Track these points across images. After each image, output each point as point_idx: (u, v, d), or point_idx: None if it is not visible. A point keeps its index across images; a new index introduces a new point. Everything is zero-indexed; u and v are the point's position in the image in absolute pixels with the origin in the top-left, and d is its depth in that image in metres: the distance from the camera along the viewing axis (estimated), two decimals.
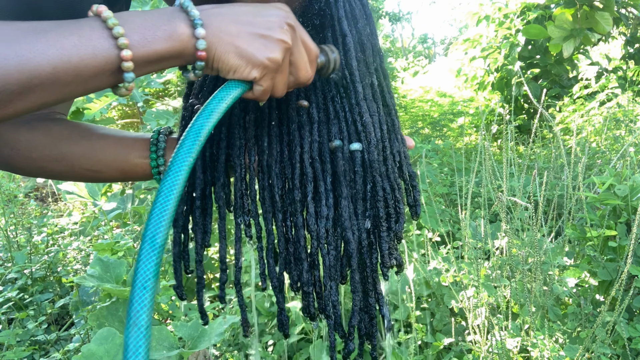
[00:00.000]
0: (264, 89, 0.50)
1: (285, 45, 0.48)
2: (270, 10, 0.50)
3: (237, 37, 0.47)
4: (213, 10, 0.48)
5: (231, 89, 0.48)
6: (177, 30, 0.45)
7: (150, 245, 0.39)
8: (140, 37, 0.43)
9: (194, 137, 0.44)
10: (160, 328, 1.27)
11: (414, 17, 34.86)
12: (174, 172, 0.42)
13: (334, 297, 0.56)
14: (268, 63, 0.48)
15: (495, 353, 1.40)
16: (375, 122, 0.59)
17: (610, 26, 3.94)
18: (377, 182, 0.57)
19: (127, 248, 1.95)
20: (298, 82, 0.53)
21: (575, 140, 2.10)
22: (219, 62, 0.47)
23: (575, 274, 1.57)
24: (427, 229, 2.20)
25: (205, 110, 0.46)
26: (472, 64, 5.22)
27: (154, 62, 0.45)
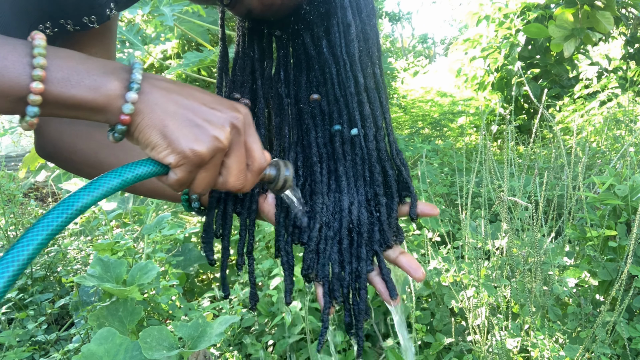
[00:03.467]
0: (178, 179, 0.45)
1: (218, 144, 0.45)
2: (221, 105, 0.47)
3: (170, 115, 0.44)
4: (160, 82, 0.45)
5: (140, 167, 0.45)
6: (107, 85, 0.42)
7: None
8: (63, 77, 0.41)
9: (62, 211, 0.40)
10: (160, 328, 1.27)
11: (414, 17, 34.86)
12: (20, 245, 0.37)
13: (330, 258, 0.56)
14: (189, 154, 0.44)
15: (495, 353, 1.40)
16: (375, 110, 0.61)
17: (611, 25, 3.94)
18: (374, 164, 0.60)
19: (127, 248, 1.95)
20: (226, 187, 0.49)
21: (575, 140, 2.10)
22: (140, 133, 0.44)
23: (575, 274, 1.57)
24: (427, 229, 2.20)
25: (92, 184, 0.43)
26: (472, 64, 5.21)
27: (68, 107, 0.42)
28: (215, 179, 0.48)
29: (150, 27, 4.15)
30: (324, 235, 0.57)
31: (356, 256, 0.56)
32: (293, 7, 0.62)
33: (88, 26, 0.61)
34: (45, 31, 0.59)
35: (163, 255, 2.00)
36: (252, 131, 0.49)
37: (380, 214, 0.58)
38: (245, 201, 0.62)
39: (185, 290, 2.28)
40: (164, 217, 2.17)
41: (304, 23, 0.65)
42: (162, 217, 2.18)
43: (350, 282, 0.56)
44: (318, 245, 0.57)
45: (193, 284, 2.34)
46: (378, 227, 0.58)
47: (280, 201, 0.61)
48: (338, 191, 0.60)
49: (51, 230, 0.39)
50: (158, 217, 2.19)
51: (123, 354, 1.19)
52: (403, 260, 0.57)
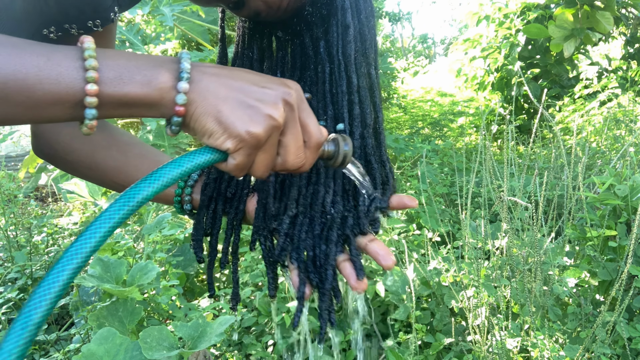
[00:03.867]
0: (237, 164, 0.45)
1: (273, 122, 0.44)
2: (272, 83, 0.46)
3: (222, 100, 0.43)
4: (209, 68, 0.45)
5: (199, 156, 0.44)
6: (159, 78, 0.42)
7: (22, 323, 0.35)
8: (115, 76, 0.41)
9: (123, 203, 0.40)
10: (160, 328, 1.27)
11: (414, 17, 34.85)
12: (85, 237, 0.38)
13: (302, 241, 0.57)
14: (246, 136, 0.43)
15: (495, 353, 1.40)
16: (365, 109, 0.62)
17: (611, 25, 3.94)
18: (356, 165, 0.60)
19: (127, 248, 1.95)
20: (286, 166, 0.48)
21: (575, 140, 2.10)
22: (196, 122, 0.43)
23: (575, 274, 1.57)
24: (427, 229, 2.20)
25: (154, 174, 0.43)
26: (472, 64, 5.21)
27: (124, 105, 0.42)
28: (274, 160, 0.47)
29: (150, 27, 4.15)
30: (299, 222, 0.58)
31: (325, 239, 0.56)
32: (297, 9, 0.62)
33: (92, 30, 0.61)
34: (49, 35, 0.59)
35: (163, 255, 2.00)
36: (306, 106, 0.48)
37: (357, 203, 0.59)
38: (233, 202, 0.64)
39: (185, 290, 2.28)
40: (164, 217, 2.17)
41: (306, 24, 0.65)
42: (162, 217, 2.18)
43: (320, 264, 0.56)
44: (291, 230, 0.58)
45: (193, 284, 2.34)
46: (353, 214, 0.58)
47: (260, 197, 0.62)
48: (316, 183, 0.60)
49: (114, 223, 0.40)
50: (158, 217, 2.19)
51: (123, 354, 1.19)
52: (372, 247, 0.54)
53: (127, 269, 1.63)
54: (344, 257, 0.55)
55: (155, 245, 2.07)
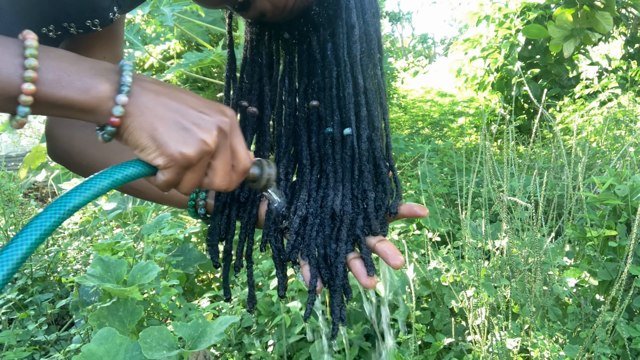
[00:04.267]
0: (166, 180, 0.46)
1: (205, 147, 0.46)
2: (210, 108, 0.48)
3: (159, 119, 0.45)
4: (149, 84, 0.46)
5: (129, 167, 0.46)
6: (98, 87, 0.43)
7: None
8: (55, 78, 0.41)
9: (54, 211, 0.41)
10: (160, 328, 1.27)
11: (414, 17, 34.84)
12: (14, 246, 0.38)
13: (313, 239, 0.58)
14: (178, 157, 0.45)
15: (495, 353, 1.40)
16: (373, 112, 0.61)
17: (611, 26, 3.94)
18: (364, 163, 0.61)
19: (127, 248, 1.95)
20: (212, 187, 0.50)
21: (575, 140, 2.10)
22: (130, 135, 0.45)
23: (575, 274, 1.57)
24: (427, 229, 2.20)
25: (85, 184, 0.43)
26: (472, 64, 5.21)
27: (58, 107, 0.42)
28: (202, 180, 0.49)
29: (150, 27, 4.15)
30: (309, 222, 0.59)
31: (336, 238, 0.58)
32: (304, 9, 0.62)
33: (91, 29, 0.61)
34: (48, 34, 0.59)
35: (163, 255, 2.00)
36: (238, 133, 0.50)
37: (367, 206, 0.59)
38: (247, 206, 0.64)
39: (185, 290, 2.29)
40: (164, 217, 2.17)
41: (313, 25, 0.65)
42: (162, 217, 2.18)
43: (331, 261, 0.57)
44: (300, 229, 0.59)
45: (193, 284, 2.34)
46: (363, 215, 0.59)
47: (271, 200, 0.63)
48: (326, 187, 0.61)
49: (44, 231, 0.40)
50: (158, 217, 2.19)
51: (123, 354, 1.19)
52: (381, 247, 0.56)
53: (128, 269, 1.63)
54: (354, 255, 0.57)
55: (155, 245, 2.07)
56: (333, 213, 0.60)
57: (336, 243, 0.57)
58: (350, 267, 0.56)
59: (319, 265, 0.57)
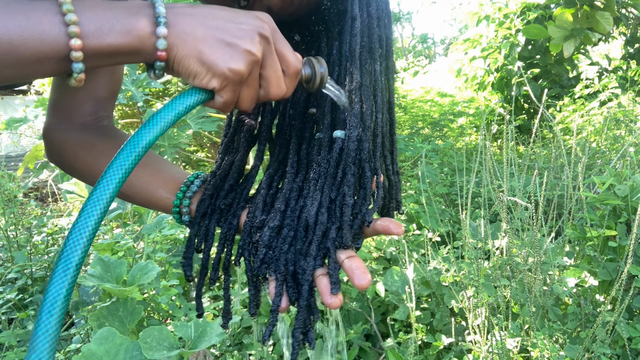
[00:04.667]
0: (225, 101, 0.47)
1: (253, 57, 0.46)
2: (245, 18, 0.47)
3: (201, 41, 0.44)
4: (183, 9, 0.46)
5: (188, 97, 0.46)
6: (137, 25, 0.43)
7: (64, 265, 0.37)
8: (96, 28, 0.41)
9: (131, 150, 0.43)
10: (160, 328, 1.27)
11: (414, 17, 34.85)
12: (102, 186, 0.40)
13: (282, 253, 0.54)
14: (229, 74, 0.45)
15: (495, 353, 1.40)
16: (365, 110, 0.58)
17: (610, 26, 3.94)
18: (349, 164, 0.56)
19: (127, 248, 1.95)
20: (269, 97, 0.50)
21: (575, 140, 2.10)
22: (179, 65, 0.45)
23: (575, 274, 1.57)
24: (427, 229, 2.20)
25: (153, 119, 0.44)
26: (472, 64, 5.21)
27: (107, 56, 0.43)
28: (258, 93, 0.49)
29: None
30: (283, 234, 0.55)
31: (305, 253, 0.54)
32: (314, 4, 0.60)
33: None
34: None
35: (163, 255, 2.00)
36: (280, 36, 0.49)
37: (343, 213, 0.55)
38: (227, 215, 0.61)
39: (185, 290, 2.28)
40: (164, 217, 2.17)
41: (323, 23, 0.63)
42: (162, 217, 2.18)
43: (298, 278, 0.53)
44: (272, 241, 0.55)
45: (193, 283, 2.34)
46: (337, 226, 0.55)
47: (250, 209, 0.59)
48: (307, 196, 0.58)
49: (125, 170, 0.42)
50: (158, 217, 2.19)
51: (123, 354, 1.19)
52: (349, 264, 0.51)
53: (127, 269, 1.63)
54: (321, 271, 0.52)
55: (155, 245, 2.07)
56: (307, 224, 0.55)
57: (304, 258, 0.53)
58: (316, 284, 0.52)
59: (287, 282, 0.53)
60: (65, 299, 0.36)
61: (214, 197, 0.63)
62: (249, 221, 0.59)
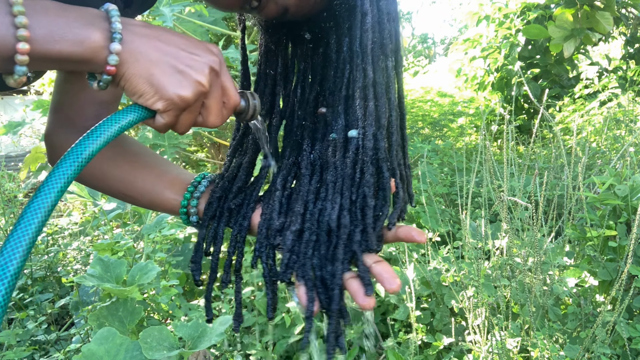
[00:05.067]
0: (165, 123, 0.48)
1: (201, 88, 0.47)
2: (199, 49, 0.48)
3: (154, 64, 0.45)
4: (140, 29, 0.46)
5: (129, 113, 0.47)
6: (91, 37, 0.42)
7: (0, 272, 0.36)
8: (46, 34, 0.41)
9: (72, 160, 0.42)
10: (160, 328, 1.27)
11: (414, 17, 34.83)
12: (42, 195, 0.40)
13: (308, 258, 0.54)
14: (177, 100, 0.46)
15: (495, 353, 1.40)
16: (380, 107, 0.57)
17: (611, 26, 3.94)
18: (367, 163, 0.56)
19: (127, 248, 1.95)
20: (206, 125, 0.52)
21: (575, 140, 2.10)
22: (127, 82, 0.45)
23: (575, 274, 1.57)
24: (427, 229, 2.20)
25: (94, 132, 0.45)
26: (472, 64, 5.21)
27: (54, 62, 0.42)
28: (196, 118, 0.51)
29: None
30: (305, 238, 0.55)
31: (332, 257, 0.53)
32: (327, 1, 0.59)
33: None
34: None
35: (163, 255, 2.00)
36: (226, 71, 0.51)
37: (365, 215, 0.54)
38: (238, 217, 0.61)
39: (185, 290, 2.28)
40: (164, 217, 2.17)
41: (333, 19, 0.61)
42: (162, 217, 2.18)
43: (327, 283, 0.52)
44: (295, 246, 0.54)
45: (193, 284, 2.34)
46: (360, 229, 0.54)
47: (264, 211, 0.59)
48: (324, 199, 0.57)
49: (67, 179, 0.41)
50: (158, 217, 2.19)
51: (123, 354, 1.19)
52: (378, 269, 0.51)
53: (127, 269, 1.63)
54: (350, 274, 0.52)
55: (155, 245, 2.07)
56: (329, 228, 0.55)
57: (332, 263, 0.52)
58: (347, 287, 0.52)
59: (317, 288, 0.52)
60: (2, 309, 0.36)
61: (222, 199, 0.62)
62: (265, 223, 0.58)
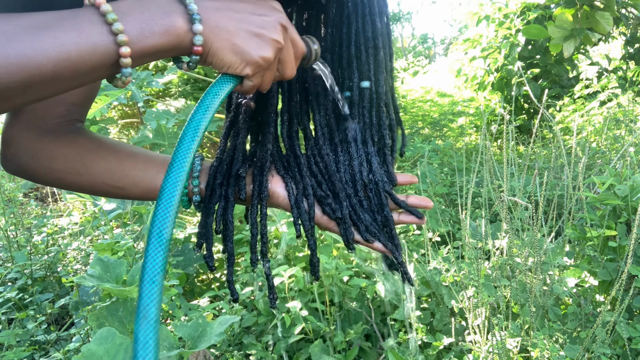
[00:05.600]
0: (253, 85, 0.52)
1: (278, 45, 0.50)
2: (266, 8, 0.52)
3: (233, 34, 0.48)
4: (211, 3, 0.49)
5: (224, 84, 0.50)
6: (175, 24, 0.45)
7: (157, 240, 0.40)
8: (138, 32, 0.43)
9: (193, 134, 0.46)
10: (160, 328, 1.27)
11: (414, 17, 34.84)
12: (176, 168, 0.43)
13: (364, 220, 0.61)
14: (261, 62, 0.49)
15: (495, 353, 1.40)
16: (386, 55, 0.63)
17: (610, 26, 3.94)
18: (382, 107, 0.63)
19: (127, 248, 1.95)
20: (283, 78, 0.55)
21: (575, 140, 2.10)
22: (213, 57, 0.48)
23: (575, 274, 1.57)
24: (427, 229, 2.19)
25: (201, 107, 0.48)
26: (472, 64, 5.21)
27: (150, 55, 0.45)
28: (275, 75, 0.54)
29: None
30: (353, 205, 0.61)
31: (379, 205, 0.62)
32: None
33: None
34: None
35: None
36: (291, 24, 0.54)
37: (385, 156, 0.63)
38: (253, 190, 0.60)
39: (185, 290, 2.28)
40: None
41: None
42: None
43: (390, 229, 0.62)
44: (351, 217, 0.61)
45: (193, 284, 2.34)
46: (385, 169, 0.63)
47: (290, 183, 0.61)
48: (349, 158, 0.63)
49: (191, 153, 0.45)
50: None
51: (123, 354, 1.19)
52: (411, 199, 0.64)
53: (127, 269, 1.63)
54: (394, 214, 0.63)
55: None
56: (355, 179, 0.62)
57: (381, 210, 0.61)
58: (402, 222, 0.63)
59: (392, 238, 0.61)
60: (162, 272, 0.40)
61: (223, 185, 0.61)
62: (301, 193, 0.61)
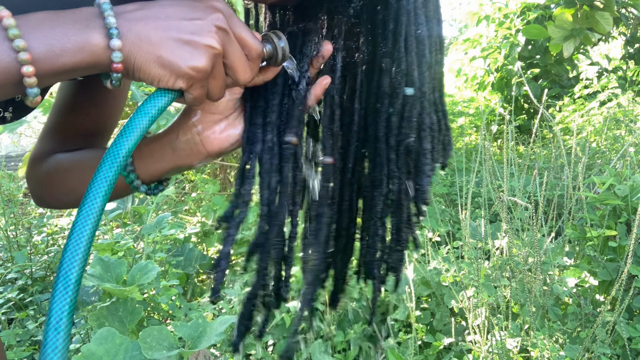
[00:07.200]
0: (195, 97, 0.46)
1: (213, 51, 0.45)
2: (199, 11, 0.45)
3: (158, 45, 0.43)
4: (134, 13, 0.44)
5: (158, 100, 0.45)
6: (90, 41, 0.41)
7: (63, 284, 0.37)
8: (47, 49, 0.39)
9: (112, 161, 0.42)
10: (160, 328, 1.27)
11: None
12: (89, 201, 0.40)
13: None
14: (194, 73, 0.44)
15: (495, 353, 1.40)
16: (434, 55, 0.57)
17: (610, 26, 3.94)
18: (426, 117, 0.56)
19: (127, 248, 1.95)
20: (238, 84, 0.49)
21: (575, 140, 2.10)
22: (140, 72, 0.43)
23: (575, 274, 1.57)
24: (427, 229, 2.19)
25: (127, 128, 0.44)
26: (472, 64, 5.22)
27: (62, 74, 0.41)
28: (225, 81, 0.49)
29: None
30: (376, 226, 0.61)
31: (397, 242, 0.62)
32: None
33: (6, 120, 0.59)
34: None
35: (163, 255, 2.00)
36: (236, 20, 0.48)
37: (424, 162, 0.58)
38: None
39: (185, 290, 2.28)
40: (164, 217, 2.17)
41: None
42: (162, 217, 2.18)
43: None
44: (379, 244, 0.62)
45: (193, 284, 2.34)
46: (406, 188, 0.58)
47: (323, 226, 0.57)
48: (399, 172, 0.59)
49: (109, 182, 0.41)
50: (158, 217, 2.19)
51: (123, 354, 1.19)
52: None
53: (127, 269, 1.63)
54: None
55: (155, 245, 2.07)
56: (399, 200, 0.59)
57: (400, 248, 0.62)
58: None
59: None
60: (69, 314, 0.37)
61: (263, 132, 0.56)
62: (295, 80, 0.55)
